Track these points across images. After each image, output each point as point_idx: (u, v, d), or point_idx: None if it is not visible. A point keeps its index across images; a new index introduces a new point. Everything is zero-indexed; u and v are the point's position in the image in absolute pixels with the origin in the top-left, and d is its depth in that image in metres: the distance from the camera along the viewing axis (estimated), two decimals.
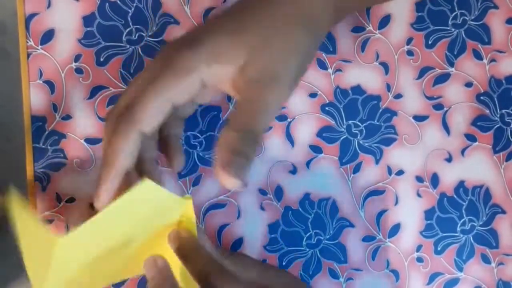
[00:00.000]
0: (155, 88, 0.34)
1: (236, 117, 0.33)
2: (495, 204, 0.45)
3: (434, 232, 0.45)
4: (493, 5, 0.45)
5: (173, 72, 0.33)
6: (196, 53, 0.33)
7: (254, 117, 0.33)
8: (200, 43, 0.34)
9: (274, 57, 0.34)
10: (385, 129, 0.45)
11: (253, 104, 0.33)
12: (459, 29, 0.45)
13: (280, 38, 0.34)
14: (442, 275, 0.45)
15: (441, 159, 0.45)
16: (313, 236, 0.44)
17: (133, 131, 0.34)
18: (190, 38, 0.35)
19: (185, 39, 0.35)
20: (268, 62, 0.33)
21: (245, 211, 0.44)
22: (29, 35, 0.42)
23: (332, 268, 0.45)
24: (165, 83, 0.33)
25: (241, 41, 0.33)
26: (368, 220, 0.45)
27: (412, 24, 0.45)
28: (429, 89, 0.45)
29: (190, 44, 0.34)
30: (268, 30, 0.34)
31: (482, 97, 0.45)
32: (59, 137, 0.43)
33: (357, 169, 0.45)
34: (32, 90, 0.43)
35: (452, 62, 0.45)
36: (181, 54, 0.34)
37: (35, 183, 0.43)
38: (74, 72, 0.43)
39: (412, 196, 0.45)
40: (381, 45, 0.45)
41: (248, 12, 0.35)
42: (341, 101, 0.45)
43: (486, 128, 0.45)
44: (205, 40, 0.34)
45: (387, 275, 0.45)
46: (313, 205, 0.44)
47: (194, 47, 0.34)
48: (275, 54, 0.34)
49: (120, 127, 0.34)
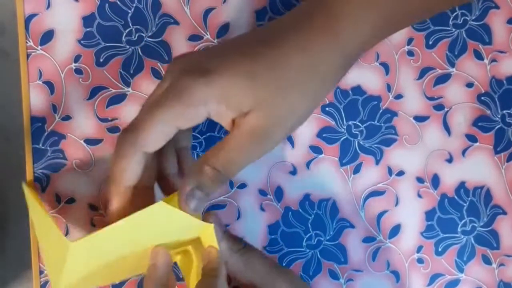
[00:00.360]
0: (163, 115, 0.35)
1: (217, 153, 0.35)
2: (496, 205, 0.45)
3: (435, 233, 0.45)
4: (494, 5, 0.45)
5: (183, 102, 0.34)
6: (208, 87, 0.34)
7: (233, 162, 0.35)
8: (212, 79, 0.34)
9: (275, 116, 0.35)
10: (385, 130, 0.45)
11: (238, 151, 0.35)
12: (459, 29, 0.45)
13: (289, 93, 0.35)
14: (443, 276, 0.45)
15: (441, 160, 0.45)
16: (313, 237, 0.44)
17: (136, 152, 0.35)
18: (204, 67, 0.35)
19: (198, 67, 0.35)
20: (268, 121, 0.35)
21: (245, 211, 0.44)
22: (29, 35, 0.42)
23: (332, 269, 0.45)
24: (172, 110, 0.34)
25: (252, 89, 0.34)
26: (368, 221, 0.45)
27: (412, 24, 0.45)
28: (429, 90, 0.45)
29: (203, 75, 0.34)
30: (279, 82, 0.35)
31: (483, 98, 0.45)
32: (59, 137, 0.43)
33: (357, 169, 0.45)
34: (31, 90, 0.42)
35: (453, 62, 0.45)
36: (194, 86, 0.34)
37: (34, 184, 0.42)
38: (74, 72, 0.43)
39: (413, 197, 0.45)
40: (382, 46, 0.45)
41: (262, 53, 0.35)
42: (341, 102, 0.45)
43: (487, 129, 0.45)
44: (217, 78, 0.34)
45: (387, 276, 0.45)
46: (313, 205, 0.44)
47: (207, 82, 0.34)
48: (277, 112, 0.35)
49: (124, 148, 0.36)
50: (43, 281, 0.42)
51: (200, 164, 0.35)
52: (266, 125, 0.35)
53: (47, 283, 0.42)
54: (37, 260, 0.42)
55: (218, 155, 0.35)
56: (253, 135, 0.35)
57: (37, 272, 0.42)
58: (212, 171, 0.35)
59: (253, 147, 0.35)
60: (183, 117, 0.35)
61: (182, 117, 0.35)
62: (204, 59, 0.36)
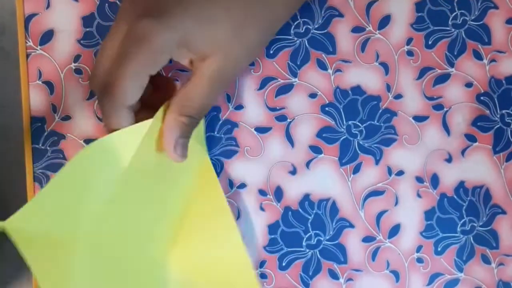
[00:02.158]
0: (134, 67, 0.36)
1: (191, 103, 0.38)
2: (495, 204, 0.45)
3: (434, 233, 0.45)
4: (493, 5, 0.45)
5: (149, 49, 0.35)
6: (170, 34, 0.36)
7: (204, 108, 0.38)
8: (174, 24, 0.36)
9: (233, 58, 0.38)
10: (385, 130, 0.45)
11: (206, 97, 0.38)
12: (459, 29, 0.45)
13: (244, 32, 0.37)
14: (442, 275, 0.45)
15: (441, 160, 0.45)
16: (313, 236, 0.44)
17: (121, 111, 0.37)
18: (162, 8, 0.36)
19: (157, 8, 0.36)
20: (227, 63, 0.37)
21: (245, 211, 0.44)
22: (28, 35, 0.42)
23: (332, 268, 0.45)
24: (142, 61, 0.36)
25: (212, 33, 0.37)
26: (368, 221, 0.45)
27: (412, 24, 0.45)
28: (429, 90, 0.45)
29: (163, 19, 0.36)
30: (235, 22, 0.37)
31: (482, 98, 0.45)
32: (59, 137, 0.43)
33: (357, 169, 0.45)
34: (31, 90, 0.42)
35: (452, 62, 0.45)
36: (157, 32, 0.35)
37: (34, 184, 0.42)
38: (74, 72, 0.43)
39: (412, 197, 0.45)
40: (381, 46, 0.45)
41: None
42: (341, 102, 0.45)
43: (486, 129, 0.45)
44: (179, 23, 0.36)
45: (387, 275, 0.45)
46: (313, 205, 0.44)
47: (169, 27, 0.36)
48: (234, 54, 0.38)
49: (107, 110, 0.37)
50: None
51: (178, 116, 0.38)
52: (225, 67, 0.37)
53: None
54: None
55: (190, 105, 0.38)
56: (215, 79, 0.37)
57: None
58: (189, 119, 0.38)
59: (216, 89, 0.38)
60: (153, 65, 0.36)
61: (152, 65, 0.36)
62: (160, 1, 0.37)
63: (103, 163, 0.36)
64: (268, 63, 0.44)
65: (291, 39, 0.44)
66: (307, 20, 0.44)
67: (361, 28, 0.45)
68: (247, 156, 0.44)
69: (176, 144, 0.38)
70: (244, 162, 0.44)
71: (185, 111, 0.38)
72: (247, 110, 0.44)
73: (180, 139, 0.38)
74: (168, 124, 0.38)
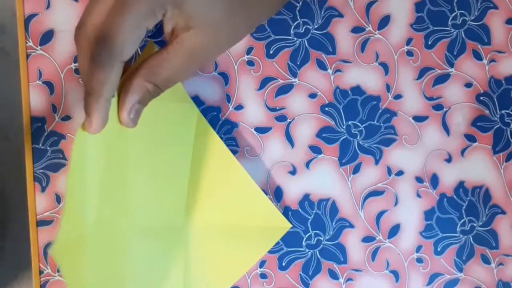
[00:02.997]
0: (135, 16, 0.33)
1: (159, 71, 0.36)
2: (495, 204, 0.45)
3: (434, 233, 0.45)
4: (492, 5, 0.45)
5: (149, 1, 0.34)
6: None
7: (172, 80, 0.36)
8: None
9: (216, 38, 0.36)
10: (384, 130, 0.45)
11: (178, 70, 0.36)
12: (458, 29, 0.45)
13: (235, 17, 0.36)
14: (442, 275, 0.45)
15: (440, 160, 0.45)
16: (312, 236, 0.44)
17: (116, 63, 0.34)
18: None
19: None
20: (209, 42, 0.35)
21: None
22: (29, 35, 0.42)
23: (332, 268, 0.45)
24: (143, 10, 0.34)
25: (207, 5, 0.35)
26: (367, 221, 0.45)
27: (412, 24, 0.45)
28: (428, 90, 0.45)
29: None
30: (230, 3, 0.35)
31: (481, 98, 0.45)
32: (59, 137, 0.43)
33: (356, 169, 0.45)
34: (31, 90, 0.42)
35: (452, 62, 0.45)
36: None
37: (34, 184, 0.42)
38: (74, 72, 0.43)
39: (412, 197, 0.45)
40: (381, 46, 0.45)
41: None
42: (341, 102, 0.45)
43: (485, 129, 0.45)
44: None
45: (386, 275, 0.45)
46: (313, 205, 0.44)
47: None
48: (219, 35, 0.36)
49: (102, 59, 0.34)
50: (43, 281, 0.42)
51: (143, 81, 0.36)
52: (206, 45, 0.35)
53: (47, 283, 0.43)
54: (37, 260, 0.42)
55: (160, 72, 0.36)
56: (193, 55, 0.35)
57: (37, 272, 0.42)
58: (153, 87, 0.36)
59: (191, 66, 0.36)
60: (153, 16, 0.34)
61: (152, 16, 0.34)
62: None
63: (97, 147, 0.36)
64: (268, 63, 0.44)
65: (291, 39, 0.44)
66: (307, 20, 0.44)
67: (361, 28, 0.45)
68: (247, 156, 0.44)
69: (132, 108, 0.36)
70: (244, 162, 0.44)
71: (153, 78, 0.36)
72: (247, 110, 0.44)
73: (137, 104, 0.36)
74: (131, 86, 0.36)
